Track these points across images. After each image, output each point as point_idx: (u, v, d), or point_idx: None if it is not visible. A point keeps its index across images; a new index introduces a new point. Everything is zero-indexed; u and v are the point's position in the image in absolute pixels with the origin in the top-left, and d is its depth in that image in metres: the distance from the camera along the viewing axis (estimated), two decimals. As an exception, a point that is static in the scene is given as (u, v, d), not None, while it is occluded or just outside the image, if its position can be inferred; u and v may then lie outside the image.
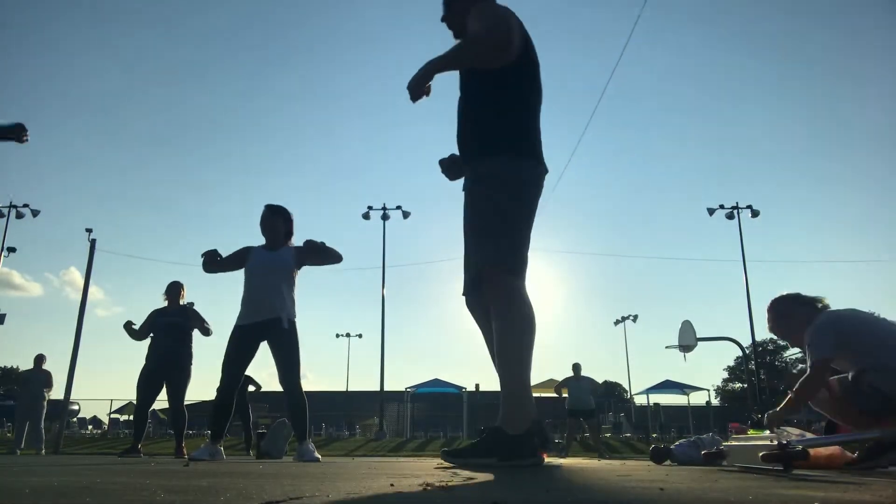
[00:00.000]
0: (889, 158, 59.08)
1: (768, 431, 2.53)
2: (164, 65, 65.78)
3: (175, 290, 6.41)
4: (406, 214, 22.56)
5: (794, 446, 2.06)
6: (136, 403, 6.35)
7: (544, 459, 2.28)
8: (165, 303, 6.41)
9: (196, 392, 28.36)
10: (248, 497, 1.05)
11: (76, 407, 23.36)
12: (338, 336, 39.35)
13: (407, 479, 1.53)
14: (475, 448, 2.27)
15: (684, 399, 29.04)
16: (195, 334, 6.35)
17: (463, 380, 38.19)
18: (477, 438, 2.44)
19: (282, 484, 1.37)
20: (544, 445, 2.27)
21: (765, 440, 2.33)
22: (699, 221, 70.38)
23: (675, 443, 3.84)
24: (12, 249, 21.43)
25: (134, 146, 63.45)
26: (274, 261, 4.44)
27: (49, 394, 9.78)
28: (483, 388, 25.17)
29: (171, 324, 6.20)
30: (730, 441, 2.99)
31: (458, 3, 2.62)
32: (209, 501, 0.97)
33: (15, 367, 42.70)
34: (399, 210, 22.45)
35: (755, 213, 22.27)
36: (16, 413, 10.25)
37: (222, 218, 62.14)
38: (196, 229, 64.05)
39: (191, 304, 6.67)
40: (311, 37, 71.03)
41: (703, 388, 29.40)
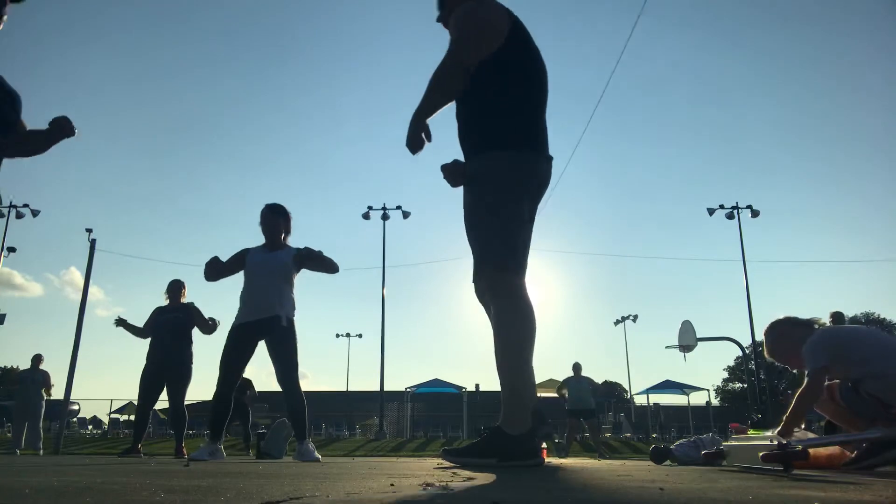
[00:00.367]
0: (889, 158, 59.17)
1: (771, 432, 2.53)
2: (164, 64, 65.90)
3: (176, 287, 6.42)
4: (406, 214, 22.57)
5: (794, 446, 2.06)
6: (137, 403, 6.36)
7: (545, 460, 2.28)
8: (167, 301, 6.42)
9: (196, 392, 28.36)
10: (248, 497, 1.05)
11: (76, 407, 23.37)
12: (338, 336, 39.41)
13: (407, 479, 1.53)
14: (475, 448, 2.27)
15: (684, 399, 29.04)
16: (196, 334, 6.35)
17: (463, 380, 38.22)
18: (477, 438, 2.43)
19: (282, 484, 1.37)
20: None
21: (765, 440, 2.33)
22: (699, 221, 70.54)
23: (675, 443, 3.84)
24: (12, 249, 21.44)
25: (134, 146, 63.53)
26: (273, 261, 4.44)
27: (47, 394, 9.76)
28: (483, 388, 25.15)
29: (171, 321, 6.20)
30: (730, 441, 2.99)
31: (451, 2, 2.62)
32: (209, 501, 0.97)
33: (15, 367, 42.60)
34: (399, 210, 22.44)
35: (755, 213, 22.26)
36: (14, 413, 10.23)
37: (222, 218, 62.31)
38: (196, 229, 64.17)
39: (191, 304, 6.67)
40: (312, 37, 71.10)
41: (703, 388, 29.42)
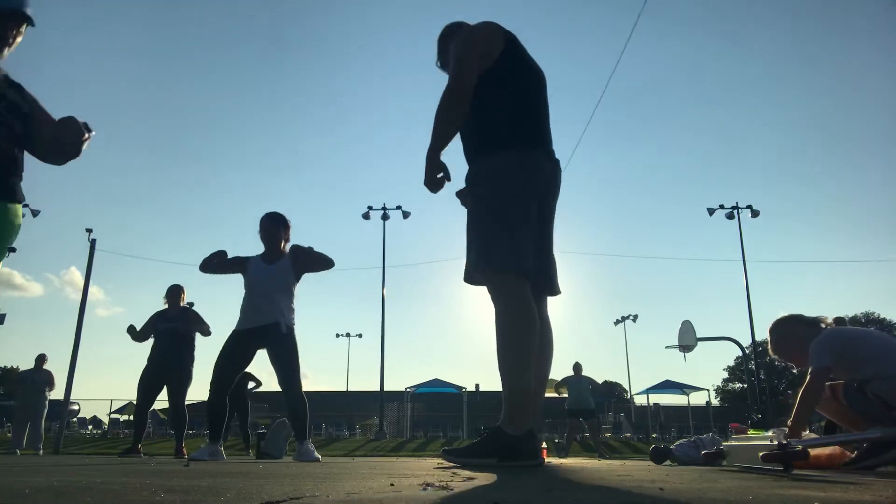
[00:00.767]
0: (889, 159, 59.17)
1: (771, 433, 2.53)
2: (163, 64, 65.89)
3: (175, 293, 6.45)
4: (406, 214, 22.56)
5: (794, 446, 2.06)
6: (136, 404, 6.37)
7: (545, 460, 2.28)
8: (166, 306, 6.44)
9: (196, 392, 28.31)
10: (248, 497, 1.05)
11: (76, 407, 23.36)
12: (338, 336, 39.45)
13: (407, 479, 1.53)
14: (475, 448, 2.27)
15: (684, 399, 29.04)
16: (196, 335, 6.37)
17: (463, 380, 38.30)
18: (477, 438, 2.43)
19: (282, 484, 1.37)
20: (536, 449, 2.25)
21: (765, 440, 2.33)
22: (699, 221, 70.65)
23: (675, 443, 3.84)
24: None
25: (134, 146, 63.60)
26: (273, 273, 4.46)
27: (50, 393, 9.75)
28: (483, 388, 25.20)
29: (171, 329, 6.23)
30: (730, 441, 2.99)
31: (448, 42, 2.67)
32: (209, 501, 0.97)
33: (15, 367, 42.61)
34: (399, 210, 22.44)
35: (755, 213, 22.25)
36: (15, 413, 10.20)
37: (222, 218, 62.26)
38: (196, 229, 64.18)
39: (191, 305, 6.68)
40: (312, 37, 71.14)
41: (703, 388, 29.41)
